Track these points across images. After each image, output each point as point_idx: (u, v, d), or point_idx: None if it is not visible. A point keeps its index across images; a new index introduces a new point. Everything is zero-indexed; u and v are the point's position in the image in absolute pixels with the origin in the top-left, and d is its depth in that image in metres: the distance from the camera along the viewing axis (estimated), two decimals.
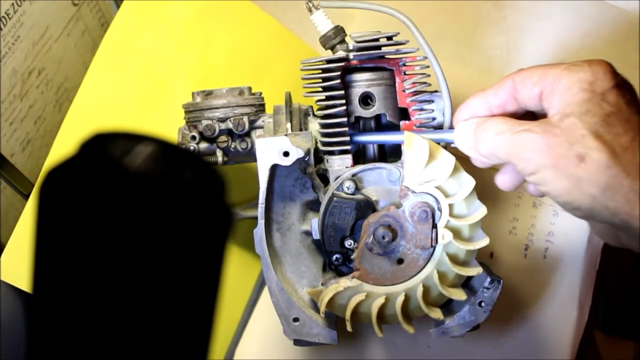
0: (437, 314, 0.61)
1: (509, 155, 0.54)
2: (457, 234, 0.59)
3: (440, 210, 0.59)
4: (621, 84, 0.52)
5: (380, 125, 0.65)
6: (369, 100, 0.63)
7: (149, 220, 0.31)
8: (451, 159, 0.58)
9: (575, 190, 0.50)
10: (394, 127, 0.63)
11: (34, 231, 0.33)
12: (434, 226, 0.59)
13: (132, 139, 0.32)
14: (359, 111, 0.63)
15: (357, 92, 0.63)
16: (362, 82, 0.63)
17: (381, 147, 0.65)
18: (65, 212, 0.31)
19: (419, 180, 0.59)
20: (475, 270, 0.60)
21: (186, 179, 0.32)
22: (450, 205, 0.59)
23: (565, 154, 0.50)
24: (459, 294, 0.60)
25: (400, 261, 0.61)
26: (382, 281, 0.61)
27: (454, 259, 0.60)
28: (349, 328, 0.60)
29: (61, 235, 0.32)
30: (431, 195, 0.59)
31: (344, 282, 0.60)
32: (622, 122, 0.50)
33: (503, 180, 0.60)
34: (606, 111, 0.50)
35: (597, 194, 0.49)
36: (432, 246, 0.60)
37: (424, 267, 0.60)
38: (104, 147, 0.32)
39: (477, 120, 0.57)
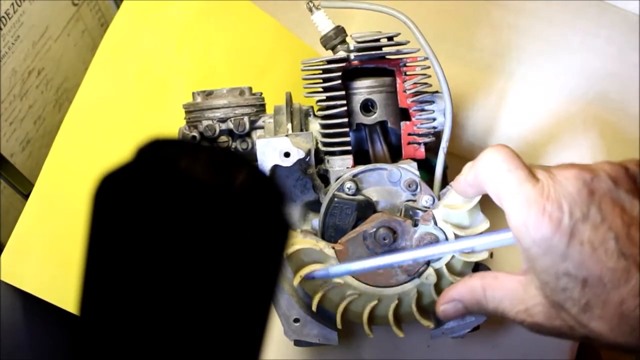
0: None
1: None
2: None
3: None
4: None
5: (383, 131, 0.64)
6: (370, 107, 0.63)
7: (210, 229, 0.31)
8: (484, 225, 0.58)
9: None
10: (394, 134, 0.64)
11: (87, 236, 0.32)
12: (427, 262, 0.59)
13: (189, 147, 0.32)
14: (360, 118, 0.63)
15: (358, 99, 0.63)
16: (363, 89, 0.62)
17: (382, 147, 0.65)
18: (123, 218, 0.31)
19: (448, 218, 0.58)
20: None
21: (245, 188, 0.31)
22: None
23: None
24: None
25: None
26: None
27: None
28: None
29: (118, 241, 0.31)
30: (444, 233, 0.58)
31: (322, 245, 0.59)
32: None
33: None
34: None
35: None
36: (414, 276, 0.59)
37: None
38: (161, 153, 0.31)
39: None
